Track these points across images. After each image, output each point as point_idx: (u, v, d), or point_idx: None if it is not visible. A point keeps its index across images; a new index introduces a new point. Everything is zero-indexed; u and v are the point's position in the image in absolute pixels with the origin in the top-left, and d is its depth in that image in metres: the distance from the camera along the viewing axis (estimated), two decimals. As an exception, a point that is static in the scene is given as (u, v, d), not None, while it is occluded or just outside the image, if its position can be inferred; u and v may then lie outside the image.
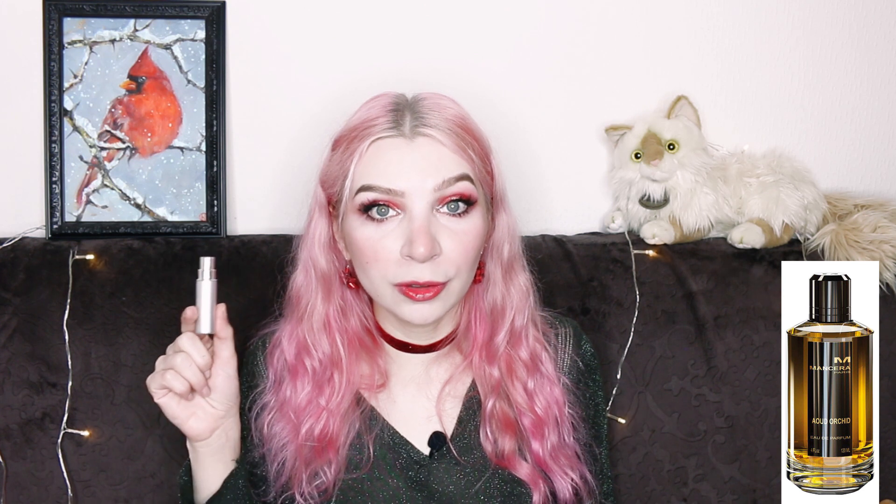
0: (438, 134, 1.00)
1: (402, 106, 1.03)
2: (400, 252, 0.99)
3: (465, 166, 1.01)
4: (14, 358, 1.28)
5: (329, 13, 1.50)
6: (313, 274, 1.09)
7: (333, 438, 1.06)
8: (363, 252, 1.01)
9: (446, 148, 1.00)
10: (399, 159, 0.99)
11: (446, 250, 1.00)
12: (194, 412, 1.02)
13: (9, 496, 1.26)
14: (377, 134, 1.01)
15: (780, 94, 1.61)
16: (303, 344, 1.09)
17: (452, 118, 1.02)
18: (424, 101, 1.04)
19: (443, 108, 1.03)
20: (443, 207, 1.00)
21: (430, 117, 1.01)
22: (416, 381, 1.12)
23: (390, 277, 1.00)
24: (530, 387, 1.10)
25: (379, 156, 1.00)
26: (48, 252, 1.36)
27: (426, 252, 0.97)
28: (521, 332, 1.11)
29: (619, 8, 1.55)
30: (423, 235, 0.97)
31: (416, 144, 1.00)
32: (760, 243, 1.46)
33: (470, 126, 1.04)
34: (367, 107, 1.05)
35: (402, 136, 1.00)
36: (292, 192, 1.49)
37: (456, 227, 1.01)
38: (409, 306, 1.01)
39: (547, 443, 1.09)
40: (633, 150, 1.49)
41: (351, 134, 1.03)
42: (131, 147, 1.46)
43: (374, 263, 1.01)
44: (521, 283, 1.12)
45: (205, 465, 1.05)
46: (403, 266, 0.99)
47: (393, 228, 1.00)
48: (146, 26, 1.45)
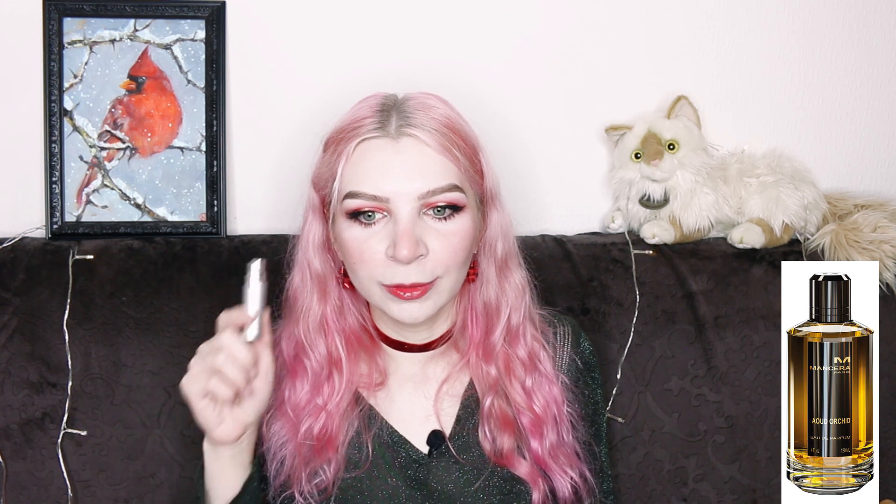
0: (423, 134, 1.00)
1: (389, 106, 1.03)
2: (385, 253, 1.00)
3: (450, 170, 1.01)
4: (14, 358, 1.28)
5: (329, 13, 1.50)
6: (308, 275, 1.09)
7: (332, 438, 1.06)
8: (351, 253, 1.02)
9: (431, 149, 1.00)
10: (384, 162, 1.00)
11: (433, 250, 1.00)
12: (225, 418, 0.97)
13: (9, 496, 1.26)
14: (363, 135, 1.01)
15: (780, 94, 1.61)
16: (300, 344, 1.09)
17: (438, 118, 1.02)
18: (411, 100, 1.04)
19: (429, 107, 1.03)
20: (429, 211, 1.01)
21: (415, 117, 1.01)
22: (413, 380, 1.12)
23: (377, 278, 1.01)
24: (529, 385, 1.10)
25: (365, 158, 1.01)
26: (48, 252, 1.36)
27: (409, 255, 0.97)
28: (518, 330, 1.11)
29: (619, 8, 1.55)
30: (407, 238, 0.98)
31: (401, 146, 1.00)
32: (760, 243, 1.46)
33: (456, 125, 1.03)
34: (356, 107, 1.05)
35: (388, 137, 1.00)
36: (292, 192, 1.47)
37: (443, 228, 1.01)
38: (397, 305, 1.01)
39: (546, 441, 1.09)
40: (633, 150, 1.49)
41: (339, 135, 1.03)
42: (131, 147, 1.46)
43: (361, 264, 1.01)
44: (517, 281, 1.12)
45: (224, 468, 1.02)
46: (390, 267, 1.00)
47: (379, 230, 1.00)
48: (146, 26, 1.45)
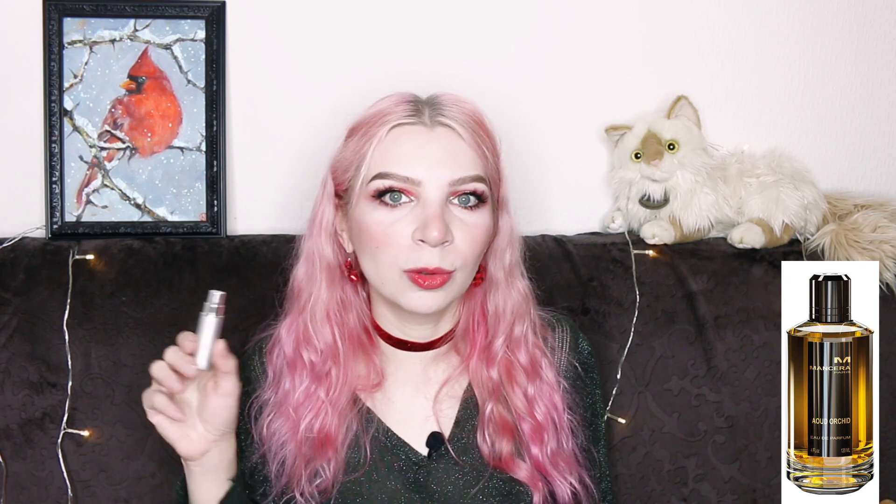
0: (457, 126, 1.02)
1: (418, 100, 1.05)
2: (412, 236, 1.00)
3: (479, 165, 1.03)
4: (14, 358, 1.28)
5: (329, 13, 1.50)
6: (318, 263, 1.09)
7: (332, 436, 1.06)
8: (373, 237, 1.02)
9: (464, 141, 1.02)
10: (418, 147, 1.01)
11: (457, 240, 1.01)
12: (186, 433, 1.01)
13: (9, 496, 1.26)
14: (397, 120, 1.02)
15: (780, 94, 1.61)
16: (302, 335, 1.09)
17: (470, 113, 1.04)
18: (443, 96, 1.06)
19: (462, 102, 1.05)
20: (455, 199, 1.02)
21: (450, 109, 1.03)
22: (413, 381, 1.12)
23: (401, 263, 1.01)
24: (531, 393, 1.10)
25: (398, 142, 1.02)
26: (48, 252, 1.36)
27: (440, 236, 0.98)
28: (520, 338, 1.12)
29: (619, 8, 1.55)
30: (438, 220, 0.99)
31: (436, 134, 1.02)
32: (760, 243, 1.46)
33: (485, 125, 1.06)
34: (381, 101, 1.06)
35: (423, 125, 1.02)
36: (292, 192, 1.49)
37: (467, 219, 1.02)
38: (414, 293, 1.01)
39: (546, 448, 1.09)
40: (633, 150, 1.49)
41: (368, 121, 1.04)
42: (131, 147, 1.46)
43: (385, 248, 1.01)
44: (521, 289, 1.12)
45: (198, 483, 1.05)
46: (414, 251, 1.00)
47: (405, 214, 1.01)
48: (146, 26, 1.45)
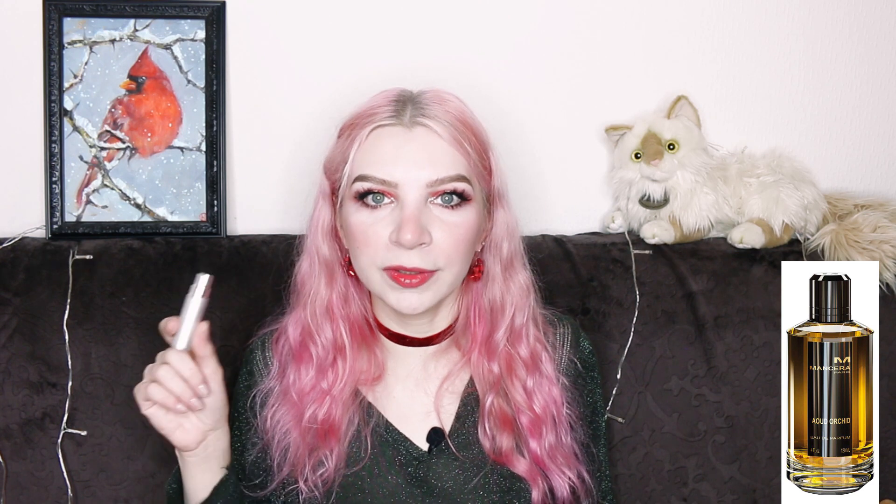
0: (436, 125, 1.02)
1: (405, 98, 1.06)
2: (389, 238, 1.01)
3: (460, 162, 1.03)
4: (14, 358, 1.28)
5: (329, 13, 1.50)
6: (317, 260, 1.11)
7: (336, 425, 1.07)
8: (355, 237, 1.03)
9: (443, 140, 1.02)
10: (395, 149, 1.01)
11: (437, 240, 1.01)
12: (181, 424, 1.01)
13: (9, 496, 1.26)
14: (377, 122, 1.03)
15: (780, 94, 1.61)
16: (307, 329, 1.11)
17: (452, 111, 1.04)
18: (427, 94, 1.06)
19: (443, 101, 1.05)
20: (436, 199, 1.02)
21: (430, 109, 1.03)
22: (413, 376, 1.12)
23: (378, 262, 1.02)
24: (530, 386, 1.11)
25: (377, 144, 1.02)
26: (48, 252, 1.36)
27: (413, 238, 0.98)
28: (521, 330, 1.12)
29: (618, 8, 1.55)
30: (412, 223, 0.99)
31: (414, 134, 1.02)
32: (760, 243, 1.46)
33: (468, 121, 1.05)
34: (373, 98, 1.07)
35: (401, 125, 1.02)
36: (292, 192, 1.49)
37: (448, 218, 1.02)
38: (396, 293, 1.02)
39: (545, 442, 1.10)
40: (633, 150, 1.49)
41: (354, 122, 1.05)
42: (131, 147, 1.46)
43: (365, 248, 1.03)
44: (522, 281, 1.12)
45: (193, 474, 1.06)
46: (392, 251, 1.01)
47: (385, 215, 1.02)
48: (146, 26, 1.45)
